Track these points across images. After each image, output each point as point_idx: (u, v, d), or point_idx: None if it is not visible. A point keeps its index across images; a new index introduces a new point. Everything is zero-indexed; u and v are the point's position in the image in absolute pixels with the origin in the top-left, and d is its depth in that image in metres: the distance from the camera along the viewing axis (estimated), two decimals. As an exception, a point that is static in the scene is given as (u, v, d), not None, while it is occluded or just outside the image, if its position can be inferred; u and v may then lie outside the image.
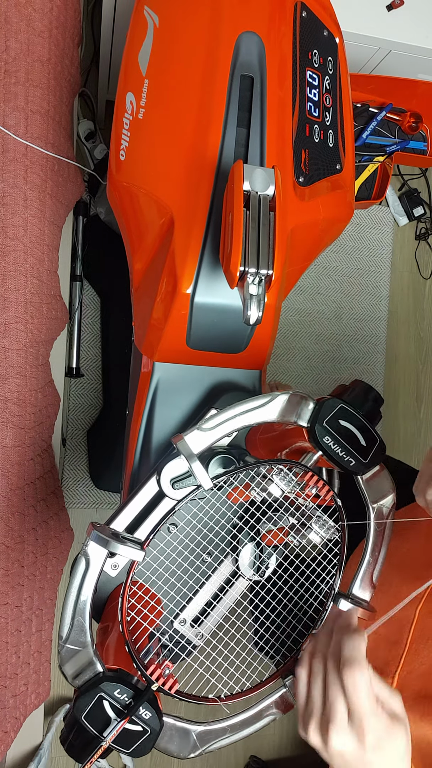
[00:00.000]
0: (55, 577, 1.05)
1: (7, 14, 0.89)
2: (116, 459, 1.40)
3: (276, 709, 0.56)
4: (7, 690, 0.94)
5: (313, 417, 0.55)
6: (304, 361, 1.70)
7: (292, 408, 0.55)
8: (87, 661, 0.51)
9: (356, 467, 0.54)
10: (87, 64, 1.45)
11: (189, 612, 0.64)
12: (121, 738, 0.49)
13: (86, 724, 0.49)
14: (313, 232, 0.73)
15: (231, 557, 0.65)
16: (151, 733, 0.49)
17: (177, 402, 0.73)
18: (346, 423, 0.54)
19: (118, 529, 0.56)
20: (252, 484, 0.59)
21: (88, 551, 0.52)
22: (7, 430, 0.88)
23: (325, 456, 0.54)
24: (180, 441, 0.54)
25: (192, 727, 0.54)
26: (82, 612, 0.52)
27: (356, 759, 0.43)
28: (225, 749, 1.55)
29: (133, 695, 0.50)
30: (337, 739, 0.43)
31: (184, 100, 0.67)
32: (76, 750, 0.50)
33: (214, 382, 0.74)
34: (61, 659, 0.52)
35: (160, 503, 0.58)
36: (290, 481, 0.57)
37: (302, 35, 0.73)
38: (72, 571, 0.53)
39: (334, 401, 0.55)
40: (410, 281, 1.82)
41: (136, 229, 0.74)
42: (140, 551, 0.53)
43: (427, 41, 1.16)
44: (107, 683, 0.49)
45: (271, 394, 0.56)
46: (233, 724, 0.55)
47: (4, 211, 0.87)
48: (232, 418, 0.55)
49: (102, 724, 0.49)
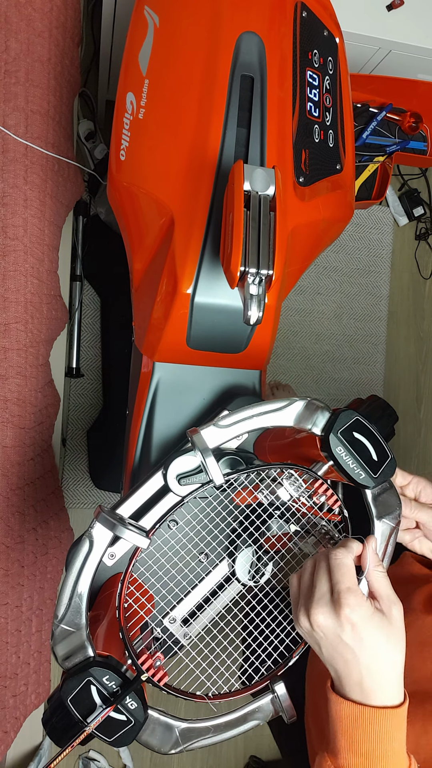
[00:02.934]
0: (55, 577, 1.05)
1: (7, 14, 0.89)
2: (116, 459, 1.40)
3: (262, 714, 0.56)
4: (7, 690, 0.94)
5: (327, 426, 0.54)
6: (304, 361, 1.70)
7: (308, 415, 0.55)
8: (79, 644, 0.51)
9: (365, 481, 0.53)
10: (87, 64, 1.45)
11: (179, 611, 0.64)
12: (104, 726, 0.48)
13: (71, 708, 0.48)
14: (313, 232, 0.73)
15: (228, 560, 0.65)
16: (135, 724, 0.49)
17: (177, 402, 0.73)
18: (359, 436, 0.54)
19: (124, 515, 0.56)
20: (262, 485, 0.59)
21: (93, 533, 0.52)
22: (7, 430, 0.88)
23: (335, 466, 0.54)
24: (196, 434, 0.54)
25: (176, 723, 0.53)
26: (80, 594, 0.52)
27: (334, 638, 0.45)
28: (225, 749, 1.55)
29: (121, 684, 0.49)
30: (317, 614, 0.46)
31: (184, 100, 0.67)
32: (58, 732, 0.49)
33: (215, 382, 0.74)
34: (54, 639, 0.52)
35: (166, 496, 0.59)
36: (299, 487, 0.57)
37: (302, 35, 0.73)
38: (72, 553, 0.53)
39: (350, 413, 0.55)
40: (410, 281, 1.82)
41: (136, 229, 0.74)
42: (146, 538, 0.53)
43: (427, 41, 1.16)
44: (97, 668, 0.49)
45: (288, 399, 0.56)
46: (217, 724, 0.54)
47: (4, 211, 0.87)
48: (249, 418, 0.55)
49: (87, 709, 0.49)
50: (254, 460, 0.65)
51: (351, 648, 0.45)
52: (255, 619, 0.59)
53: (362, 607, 0.45)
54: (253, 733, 1.62)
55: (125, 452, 0.80)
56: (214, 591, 0.65)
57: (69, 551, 0.60)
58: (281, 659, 0.57)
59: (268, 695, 0.55)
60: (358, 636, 0.45)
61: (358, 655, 0.45)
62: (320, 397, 1.70)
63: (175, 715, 0.54)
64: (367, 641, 0.45)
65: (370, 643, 0.45)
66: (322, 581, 0.47)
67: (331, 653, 0.46)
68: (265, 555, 0.63)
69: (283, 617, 0.58)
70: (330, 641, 0.46)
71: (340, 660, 0.46)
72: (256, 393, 0.76)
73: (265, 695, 0.55)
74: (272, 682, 0.55)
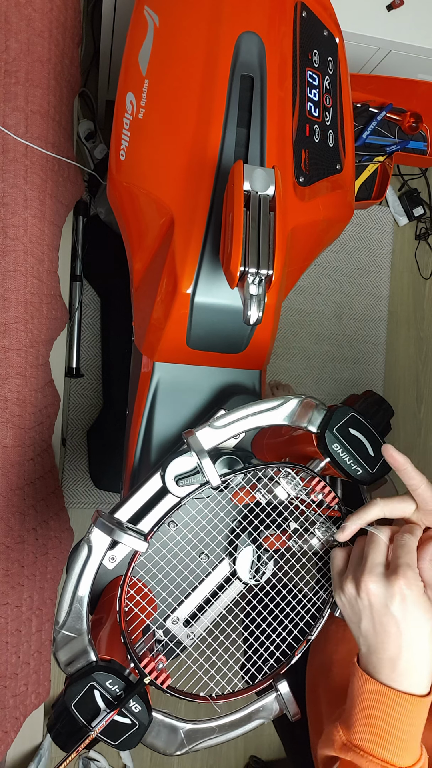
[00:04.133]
0: (55, 577, 1.05)
1: (7, 14, 0.89)
2: (116, 459, 1.40)
3: (266, 713, 0.56)
4: (7, 690, 0.94)
5: (323, 423, 0.55)
6: (304, 361, 1.70)
7: (303, 413, 0.55)
8: (81, 649, 0.51)
9: (363, 476, 0.54)
10: (87, 64, 1.45)
11: (182, 611, 0.64)
12: (108, 729, 0.48)
13: (75, 713, 0.48)
14: (313, 232, 0.73)
15: (229, 559, 0.65)
16: (140, 727, 0.49)
17: (177, 402, 0.73)
18: (355, 432, 0.54)
19: (122, 519, 0.56)
20: (259, 485, 0.59)
21: (92, 538, 0.52)
22: (7, 430, 0.88)
23: (332, 463, 0.54)
24: (191, 436, 0.54)
25: (180, 724, 0.53)
26: (80, 599, 0.52)
27: (381, 607, 0.45)
28: (225, 749, 1.55)
29: (125, 687, 0.49)
30: (368, 581, 0.46)
31: (184, 100, 0.67)
32: (63, 738, 0.49)
33: (214, 382, 0.74)
34: (56, 645, 0.51)
35: (164, 498, 0.59)
36: (296, 485, 0.57)
37: (302, 35, 0.73)
38: (72, 558, 0.53)
39: (346, 409, 0.55)
40: (410, 281, 1.82)
41: (136, 229, 0.74)
42: (144, 542, 0.53)
43: (427, 41, 1.16)
44: (100, 673, 0.49)
45: (283, 398, 0.56)
46: (222, 724, 0.54)
47: (4, 211, 0.87)
48: (244, 418, 0.55)
49: (91, 714, 0.49)
50: (252, 458, 0.65)
51: (396, 621, 0.45)
52: (257, 618, 0.59)
53: (418, 585, 0.45)
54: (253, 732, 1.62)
55: (125, 452, 0.80)
56: (216, 591, 0.65)
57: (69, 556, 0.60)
58: (284, 657, 0.57)
59: (272, 694, 0.55)
60: (407, 610, 0.45)
61: (401, 630, 0.45)
62: (320, 397, 1.70)
63: (179, 716, 0.54)
64: (413, 619, 0.45)
65: (415, 621, 0.45)
66: (378, 553, 0.48)
67: (374, 624, 0.46)
68: (265, 554, 0.63)
69: (285, 615, 0.58)
70: (376, 610, 0.46)
71: (381, 632, 0.46)
72: (256, 393, 0.76)
73: (269, 694, 0.55)
74: (275, 680, 0.56)
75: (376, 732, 0.45)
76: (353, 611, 0.48)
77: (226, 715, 0.55)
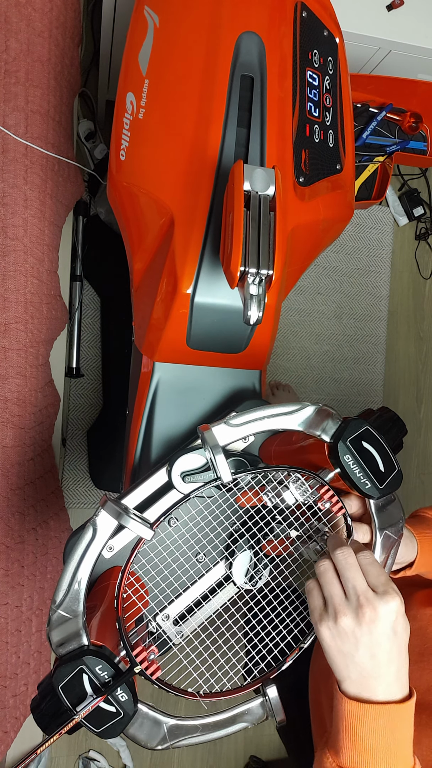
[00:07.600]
0: (55, 577, 1.05)
1: (7, 14, 0.89)
2: (116, 459, 1.40)
3: (251, 717, 0.55)
4: (7, 690, 0.94)
5: (337, 434, 0.54)
6: (304, 361, 1.70)
7: (318, 420, 0.55)
8: (74, 631, 0.51)
9: (371, 491, 0.53)
10: (87, 64, 1.45)
11: (172, 609, 0.64)
12: (93, 715, 0.48)
13: (62, 695, 0.48)
14: (313, 232, 0.73)
15: (226, 562, 0.65)
16: (124, 716, 0.49)
17: (177, 402, 0.73)
18: (368, 445, 0.54)
19: (129, 506, 0.56)
20: (268, 487, 0.59)
21: (98, 521, 0.52)
22: (7, 430, 0.88)
23: (342, 474, 0.54)
24: (207, 431, 0.55)
25: (165, 719, 0.53)
26: (80, 581, 0.52)
27: (351, 633, 0.45)
28: (225, 749, 1.55)
29: (114, 675, 0.49)
30: (340, 621, 0.45)
31: (184, 100, 0.67)
32: (46, 719, 0.49)
33: (215, 382, 0.74)
34: (51, 624, 0.51)
35: (168, 493, 0.59)
36: (305, 491, 0.57)
37: (302, 35, 0.73)
38: (75, 539, 0.53)
39: (360, 422, 0.55)
40: (410, 281, 1.82)
41: (136, 229, 0.74)
42: (150, 530, 0.53)
43: (427, 41, 1.16)
44: (91, 657, 0.49)
45: (300, 404, 0.56)
46: (206, 723, 0.54)
47: (4, 211, 0.87)
48: (260, 419, 0.56)
49: (77, 698, 0.48)
50: (259, 463, 0.65)
51: (363, 636, 0.45)
52: (252, 620, 0.59)
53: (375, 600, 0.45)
54: (253, 733, 1.62)
55: (125, 452, 0.80)
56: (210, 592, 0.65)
57: (69, 539, 0.60)
58: (275, 663, 0.57)
59: (259, 698, 0.55)
60: (372, 625, 0.45)
61: (360, 644, 0.45)
62: (320, 397, 1.70)
63: (165, 711, 0.54)
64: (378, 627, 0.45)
65: (380, 629, 0.45)
66: (332, 587, 0.48)
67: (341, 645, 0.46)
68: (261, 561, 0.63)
69: (280, 621, 0.58)
70: (343, 637, 0.45)
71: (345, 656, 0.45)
72: (256, 393, 0.76)
73: (256, 698, 0.55)
74: (264, 685, 0.55)
75: (364, 751, 0.45)
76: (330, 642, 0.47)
77: (210, 714, 0.54)
